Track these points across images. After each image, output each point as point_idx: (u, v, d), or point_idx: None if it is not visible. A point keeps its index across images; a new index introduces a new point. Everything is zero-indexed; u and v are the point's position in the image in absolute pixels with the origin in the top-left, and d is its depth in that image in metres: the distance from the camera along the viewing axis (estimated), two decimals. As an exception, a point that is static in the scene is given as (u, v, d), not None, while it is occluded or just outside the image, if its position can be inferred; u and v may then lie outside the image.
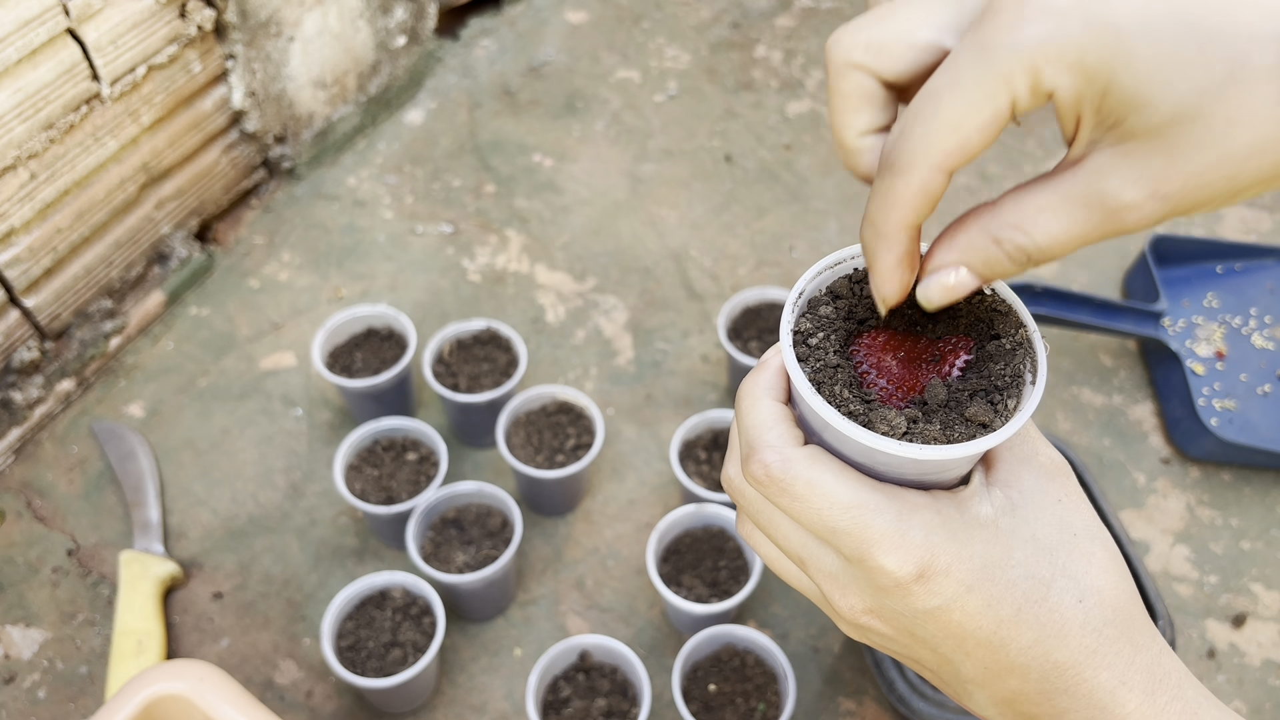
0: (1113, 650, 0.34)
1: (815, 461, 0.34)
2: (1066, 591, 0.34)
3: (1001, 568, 0.34)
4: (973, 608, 0.34)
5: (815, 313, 0.37)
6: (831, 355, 0.35)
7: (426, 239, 1.21)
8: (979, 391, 0.35)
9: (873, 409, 0.34)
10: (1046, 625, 0.34)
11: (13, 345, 0.98)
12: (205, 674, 0.66)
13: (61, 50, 0.89)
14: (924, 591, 0.33)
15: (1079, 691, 0.34)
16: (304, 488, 1.00)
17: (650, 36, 1.48)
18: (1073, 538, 0.35)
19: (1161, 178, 0.28)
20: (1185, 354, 1.10)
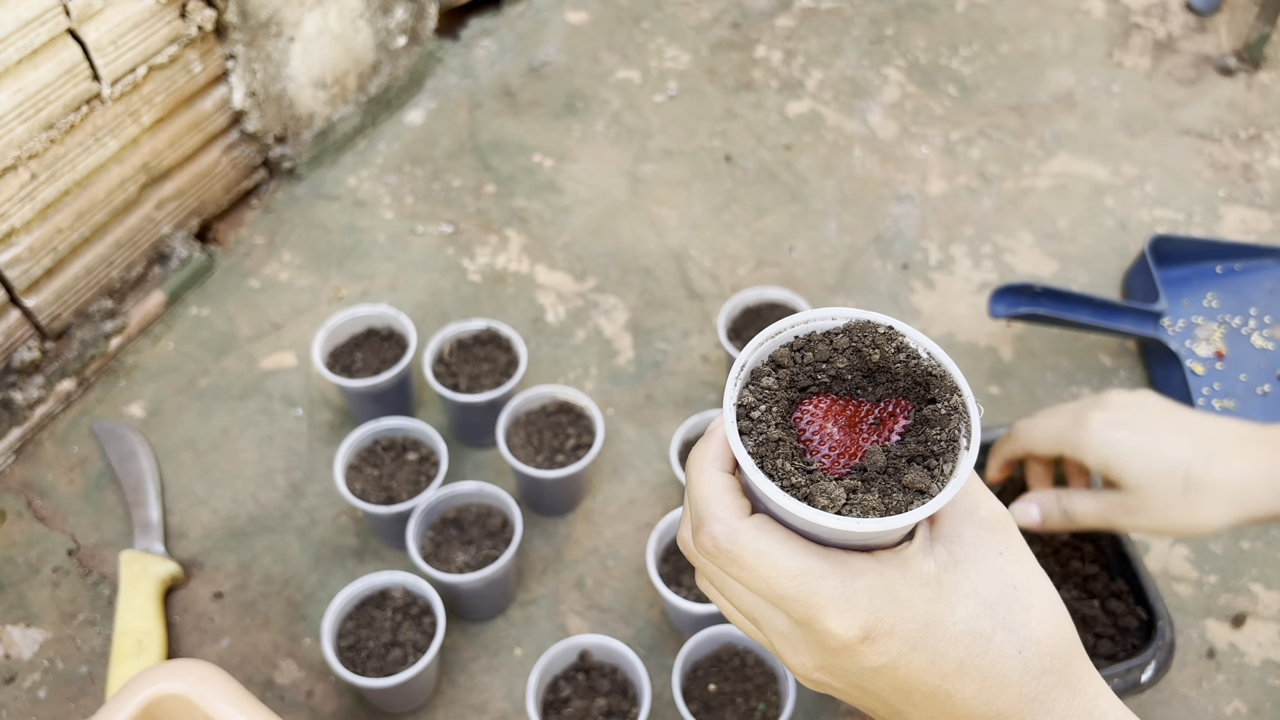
0: (1050, 696, 0.37)
1: (761, 532, 0.36)
2: (1006, 644, 0.36)
3: (944, 625, 0.36)
4: (917, 664, 0.36)
5: (758, 384, 0.38)
6: (773, 429, 0.36)
7: (427, 239, 1.21)
8: (916, 457, 0.36)
9: (814, 480, 0.36)
10: (988, 677, 0.36)
11: (13, 345, 0.98)
12: (206, 674, 0.66)
13: (62, 50, 0.89)
14: (870, 651, 0.35)
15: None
16: (304, 488, 1.00)
17: (650, 37, 1.48)
18: (1013, 590, 0.37)
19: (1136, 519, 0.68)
20: (1185, 354, 1.10)
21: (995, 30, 1.50)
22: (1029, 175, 1.32)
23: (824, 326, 0.39)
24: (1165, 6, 1.56)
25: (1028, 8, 1.54)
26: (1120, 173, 1.32)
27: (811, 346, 0.38)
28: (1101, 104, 1.41)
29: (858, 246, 1.23)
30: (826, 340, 0.38)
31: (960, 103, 1.40)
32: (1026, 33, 1.50)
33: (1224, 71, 1.45)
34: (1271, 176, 1.32)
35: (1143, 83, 1.44)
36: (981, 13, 1.53)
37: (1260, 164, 1.34)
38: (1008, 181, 1.31)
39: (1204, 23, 1.54)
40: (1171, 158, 1.34)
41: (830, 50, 1.47)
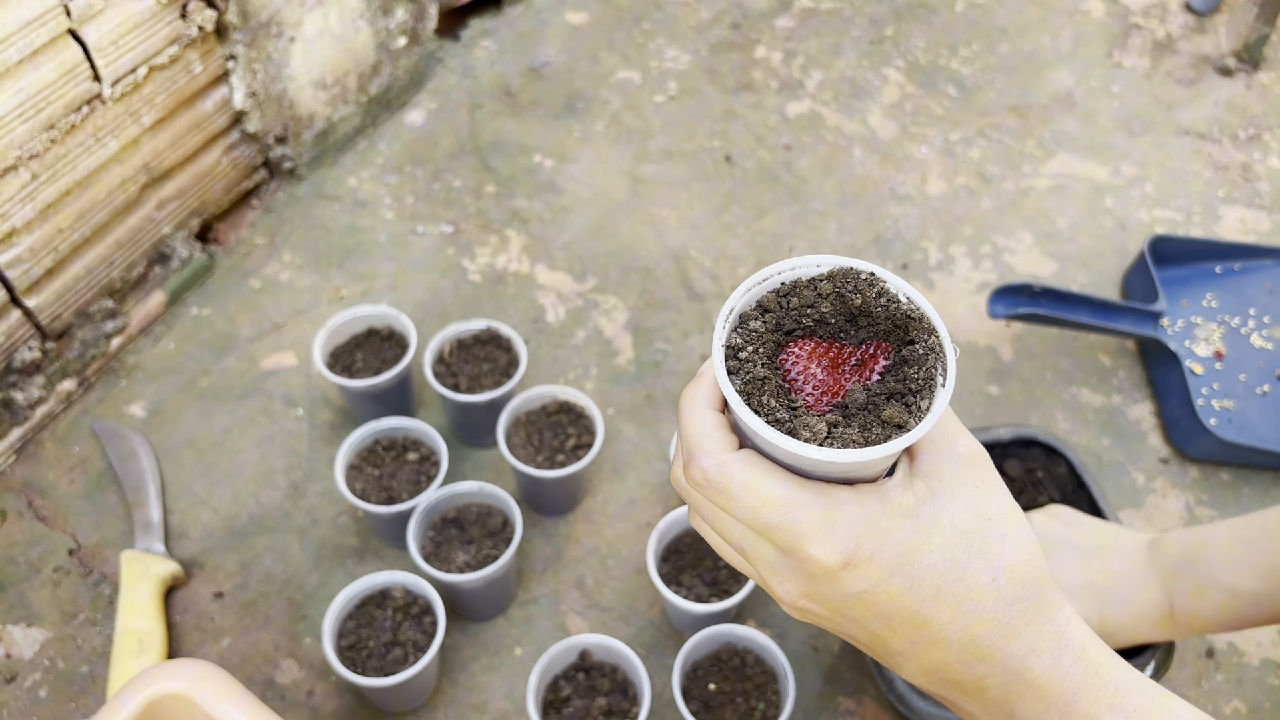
0: (1022, 621, 0.39)
1: (748, 465, 0.38)
2: (981, 571, 0.38)
3: (921, 553, 0.38)
4: (895, 590, 0.38)
5: (745, 327, 0.40)
6: (759, 368, 0.38)
7: (427, 239, 1.22)
8: (894, 395, 0.38)
9: (797, 416, 0.37)
10: (963, 603, 0.38)
11: (14, 345, 0.98)
12: (206, 673, 0.66)
13: (63, 51, 0.90)
14: (851, 577, 0.37)
15: (994, 659, 0.39)
16: (305, 487, 1.00)
17: (650, 37, 1.48)
18: (987, 522, 0.39)
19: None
20: (1184, 354, 1.10)
21: (995, 31, 1.50)
22: (1028, 175, 1.32)
23: (809, 273, 0.40)
24: (1164, 7, 1.56)
25: (1027, 8, 1.54)
26: (1119, 173, 1.32)
27: (797, 292, 0.40)
28: (1101, 104, 1.41)
29: (857, 247, 1.23)
30: (811, 286, 0.40)
31: (960, 103, 1.40)
32: (1026, 33, 1.50)
33: (1223, 72, 1.45)
34: (1270, 177, 1.32)
35: (1142, 83, 1.44)
36: (981, 13, 1.53)
37: (1259, 164, 1.34)
38: (1007, 182, 1.31)
39: (1203, 23, 1.54)
40: (1171, 158, 1.34)
41: (830, 51, 1.47)
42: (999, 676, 0.39)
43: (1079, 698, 0.39)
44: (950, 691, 0.41)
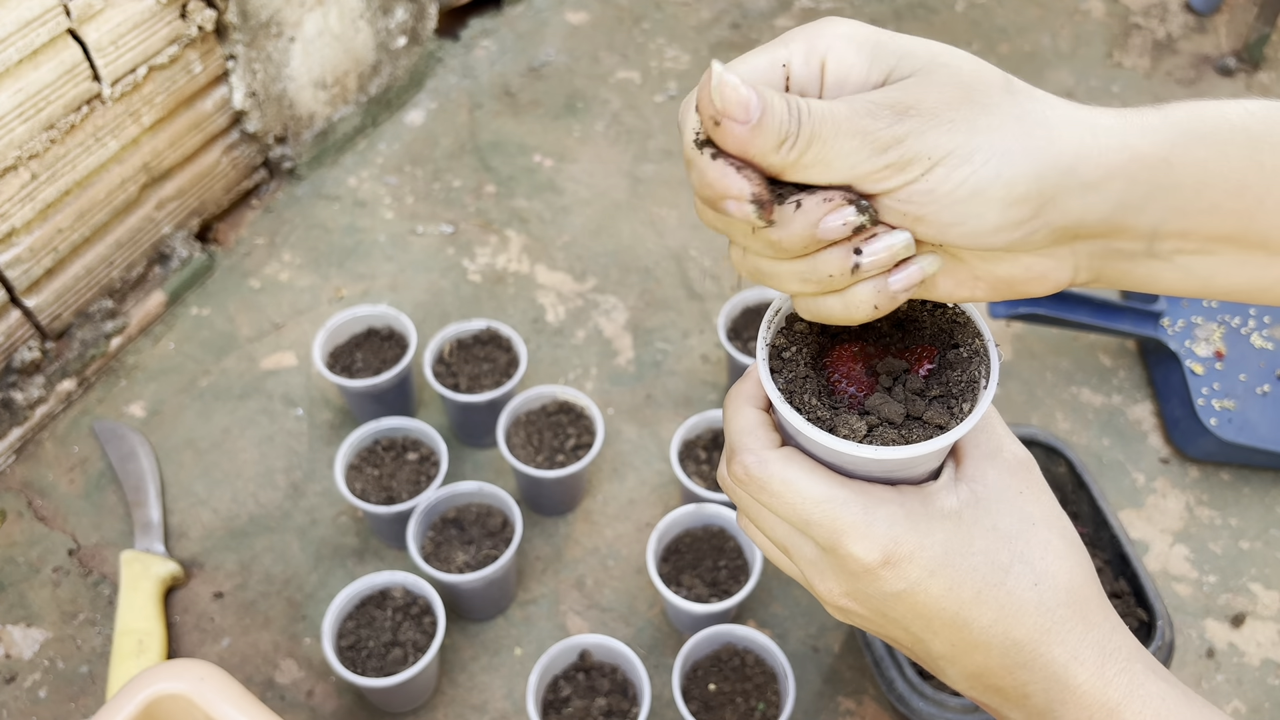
0: (1065, 628, 0.38)
1: (789, 462, 0.38)
2: (1023, 576, 0.38)
3: (962, 555, 0.37)
4: (936, 590, 0.37)
5: (790, 329, 0.40)
6: (802, 367, 0.39)
7: (427, 239, 1.22)
8: (938, 397, 0.38)
9: (838, 414, 0.38)
10: (1005, 606, 0.38)
11: (14, 345, 0.98)
12: (206, 673, 0.66)
13: (63, 51, 0.90)
14: (890, 576, 0.37)
15: (1036, 665, 0.38)
16: (305, 487, 1.00)
17: (650, 37, 1.48)
18: (1031, 527, 0.38)
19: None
20: (1184, 354, 1.10)
21: (995, 30, 1.50)
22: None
23: None
24: (1165, 7, 1.56)
25: (1027, 8, 1.54)
26: (1120, 173, 1.32)
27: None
28: (1101, 104, 1.41)
29: (857, 247, 1.23)
30: None
31: (960, 103, 1.40)
32: (1026, 33, 1.50)
33: (1223, 72, 1.45)
34: (1271, 177, 1.32)
35: (1142, 83, 1.44)
36: (981, 13, 1.53)
37: (1259, 164, 1.34)
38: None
39: (1203, 23, 1.54)
40: (1171, 158, 1.34)
41: (830, 50, 1.47)
42: (1041, 683, 0.39)
43: (1123, 708, 0.38)
44: (993, 698, 0.41)
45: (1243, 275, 0.37)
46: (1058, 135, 0.34)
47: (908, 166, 0.33)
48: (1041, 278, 0.37)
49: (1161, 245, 0.37)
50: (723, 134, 0.33)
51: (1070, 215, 0.35)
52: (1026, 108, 0.35)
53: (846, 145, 0.33)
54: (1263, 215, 0.35)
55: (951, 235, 0.34)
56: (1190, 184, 0.35)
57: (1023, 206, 0.34)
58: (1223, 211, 0.35)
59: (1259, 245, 0.36)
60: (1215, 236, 0.36)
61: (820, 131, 0.33)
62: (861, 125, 0.33)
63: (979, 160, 0.33)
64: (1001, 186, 0.33)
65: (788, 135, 0.33)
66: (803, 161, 0.33)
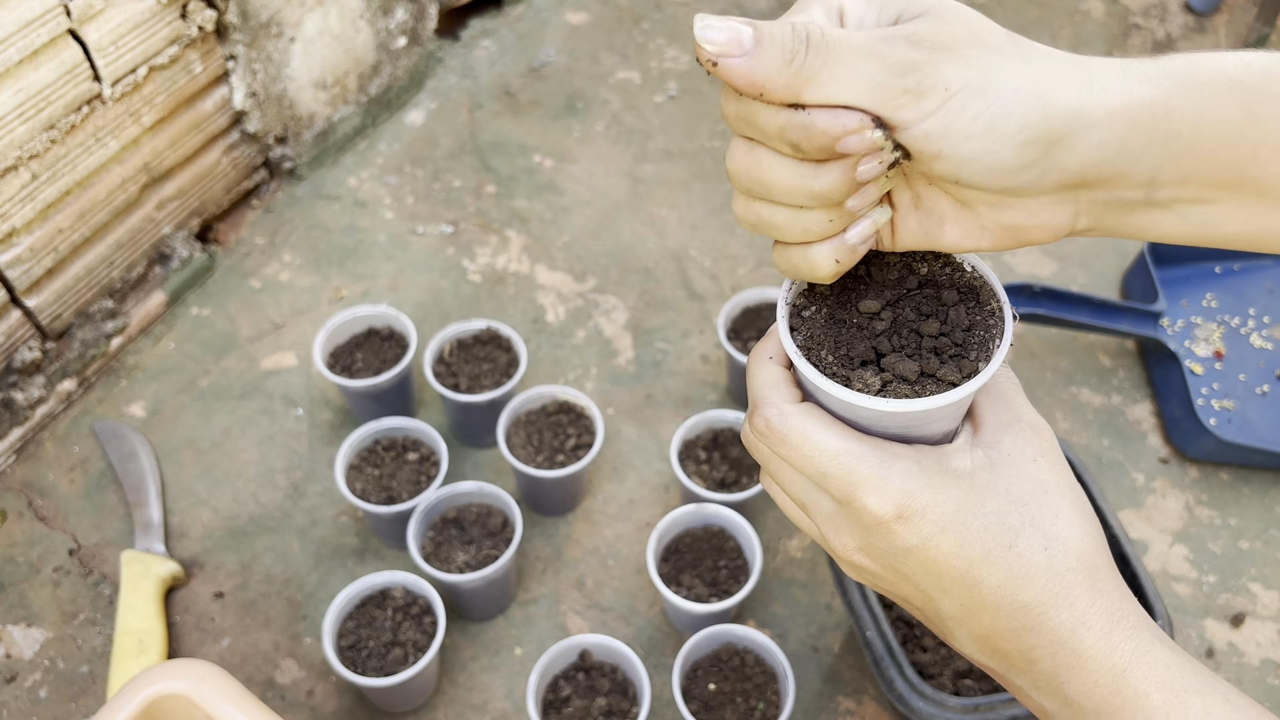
0: (1074, 593, 0.38)
1: (808, 416, 0.39)
2: (1033, 540, 0.38)
3: (974, 514, 0.38)
4: (946, 547, 0.38)
5: (812, 290, 0.41)
6: (820, 325, 0.40)
7: (427, 239, 1.22)
8: (952, 355, 0.39)
9: (853, 371, 0.39)
10: (1014, 568, 0.38)
11: (14, 345, 0.98)
12: (206, 673, 0.66)
13: (63, 51, 0.90)
14: (903, 530, 0.38)
15: (1043, 629, 0.39)
16: (305, 487, 1.00)
17: (650, 37, 1.48)
18: (1044, 493, 0.39)
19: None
20: (1184, 354, 1.10)
21: (995, 31, 1.50)
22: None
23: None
24: (1164, 7, 1.56)
25: (1027, 8, 1.54)
26: (1119, 173, 1.32)
27: (865, 259, 0.41)
28: (1101, 104, 1.41)
29: (857, 247, 1.23)
30: (879, 254, 0.41)
31: (960, 103, 1.40)
32: (1026, 33, 1.49)
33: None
34: (1270, 177, 1.32)
35: (1142, 83, 1.44)
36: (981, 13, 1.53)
37: (1259, 164, 1.34)
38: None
39: (1203, 23, 1.54)
40: (1170, 158, 1.34)
41: (830, 51, 1.47)
42: (1048, 647, 0.39)
43: (1129, 673, 0.38)
44: (1000, 662, 0.41)
45: (1238, 223, 0.38)
46: (1063, 79, 0.36)
47: (926, 95, 0.34)
48: (1044, 225, 0.38)
49: (1160, 193, 0.37)
50: (727, 72, 0.34)
51: (1077, 157, 0.36)
52: (1031, 54, 0.36)
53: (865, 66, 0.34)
54: (1256, 164, 0.36)
55: (967, 172, 0.35)
56: (1187, 131, 0.36)
57: (1034, 147, 0.35)
58: (1218, 160, 0.36)
59: (1254, 193, 0.37)
60: (1212, 184, 0.37)
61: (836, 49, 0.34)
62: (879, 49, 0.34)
63: (993, 96, 0.34)
64: (1014, 124, 0.35)
65: (794, 52, 0.34)
66: (820, 77, 0.34)
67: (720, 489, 0.94)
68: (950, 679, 0.81)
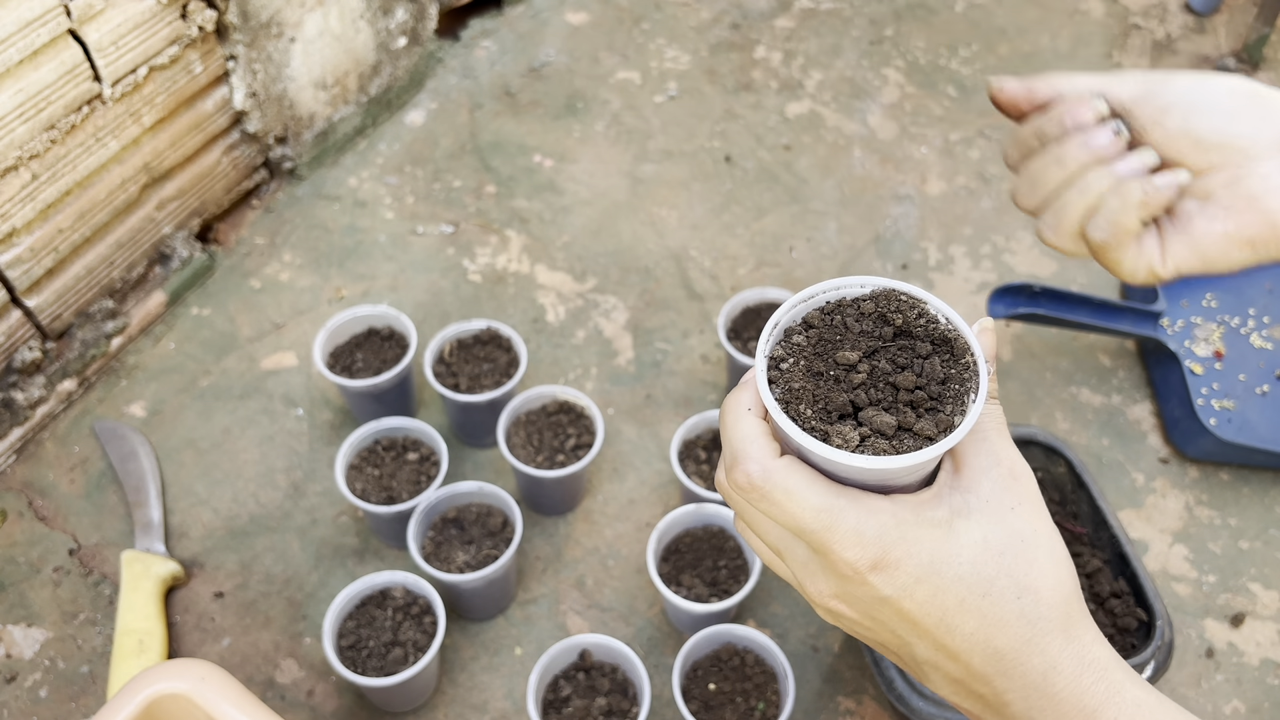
0: (1046, 640, 0.39)
1: (790, 471, 0.39)
2: (1007, 589, 0.39)
3: (949, 564, 0.39)
4: (921, 596, 0.39)
5: (789, 340, 0.42)
6: (798, 379, 0.40)
7: (427, 239, 1.22)
8: (928, 409, 0.40)
9: (831, 425, 0.39)
10: (987, 616, 0.39)
11: (14, 345, 0.98)
12: (207, 673, 0.66)
13: (63, 51, 0.90)
14: (878, 580, 0.39)
15: (1015, 674, 0.40)
16: (305, 487, 1.00)
17: (650, 37, 1.48)
18: (1020, 543, 0.40)
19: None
20: (1184, 354, 1.10)
21: (994, 31, 1.50)
22: (1028, 176, 1.32)
23: (853, 293, 0.42)
24: (1164, 7, 1.56)
25: (1027, 9, 1.54)
26: (1119, 173, 1.32)
27: (841, 310, 0.42)
28: (1100, 105, 1.41)
29: (857, 247, 1.23)
30: (855, 305, 0.42)
31: (959, 103, 1.40)
32: (1025, 34, 1.50)
33: (1223, 72, 1.46)
34: (1270, 177, 1.32)
35: (1142, 83, 1.44)
36: (980, 14, 1.53)
37: (1259, 164, 1.34)
38: (1006, 182, 1.31)
39: (1203, 23, 1.54)
40: (1170, 158, 1.34)
41: (830, 51, 1.47)
42: (1020, 691, 0.40)
43: (1100, 712, 0.39)
44: (974, 704, 0.42)
45: None
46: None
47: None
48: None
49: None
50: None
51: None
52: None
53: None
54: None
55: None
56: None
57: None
58: None
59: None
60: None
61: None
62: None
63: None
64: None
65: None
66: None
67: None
68: (950, 679, 0.81)
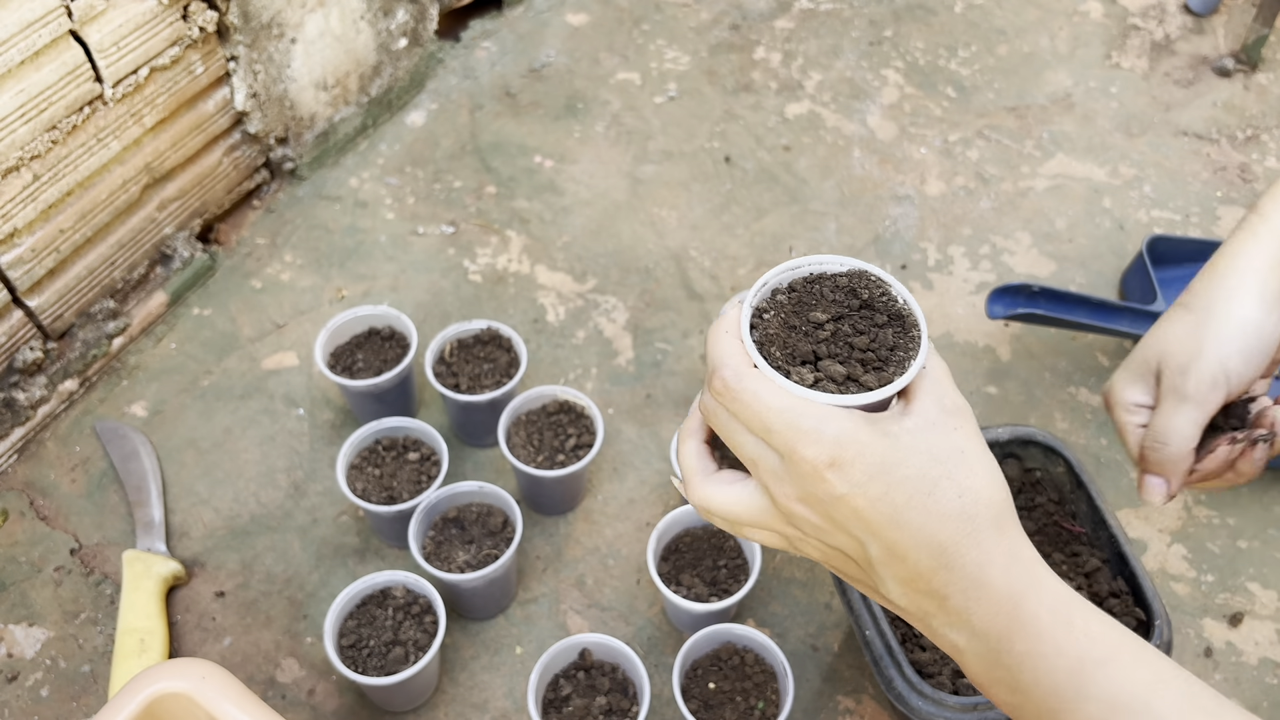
0: (981, 534, 0.45)
1: (760, 378, 0.45)
2: (949, 489, 0.44)
3: (898, 466, 0.44)
4: (873, 493, 0.44)
5: (773, 298, 0.50)
6: (774, 328, 0.48)
7: (428, 240, 1.22)
8: (876, 368, 0.48)
9: (793, 368, 0.46)
10: (931, 512, 0.44)
11: (16, 345, 0.99)
12: (208, 672, 0.66)
13: (64, 52, 0.90)
14: (835, 478, 0.43)
15: (955, 566, 0.45)
16: (306, 487, 1.01)
17: (650, 38, 1.49)
18: (960, 454, 0.45)
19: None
20: (1182, 354, 1.10)
21: (993, 32, 1.50)
22: (1027, 176, 1.32)
23: (833, 269, 0.51)
24: (1163, 8, 1.56)
25: (1026, 9, 1.54)
26: (1118, 174, 1.33)
27: (820, 281, 0.51)
28: (1099, 105, 1.41)
29: (856, 247, 1.23)
30: (832, 279, 0.51)
31: (958, 104, 1.41)
32: (1024, 34, 1.50)
33: (1221, 73, 1.46)
34: (1268, 177, 1.33)
35: (1140, 84, 1.45)
36: (979, 14, 1.53)
37: (1257, 165, 1.34)
38: (1005, 182, 1.31)
39: (1201, 24, 1.54)
40: (1169, 159, 1.35)
41: (829, 52, 1.48)
42: (960, 584, 0.45)
43: (1024, 600, 0.45)
44: (921, 604, 0.47)
45: None
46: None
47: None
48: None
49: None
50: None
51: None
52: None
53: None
54: None
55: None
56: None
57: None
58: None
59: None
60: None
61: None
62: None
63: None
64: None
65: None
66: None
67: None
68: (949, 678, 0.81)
